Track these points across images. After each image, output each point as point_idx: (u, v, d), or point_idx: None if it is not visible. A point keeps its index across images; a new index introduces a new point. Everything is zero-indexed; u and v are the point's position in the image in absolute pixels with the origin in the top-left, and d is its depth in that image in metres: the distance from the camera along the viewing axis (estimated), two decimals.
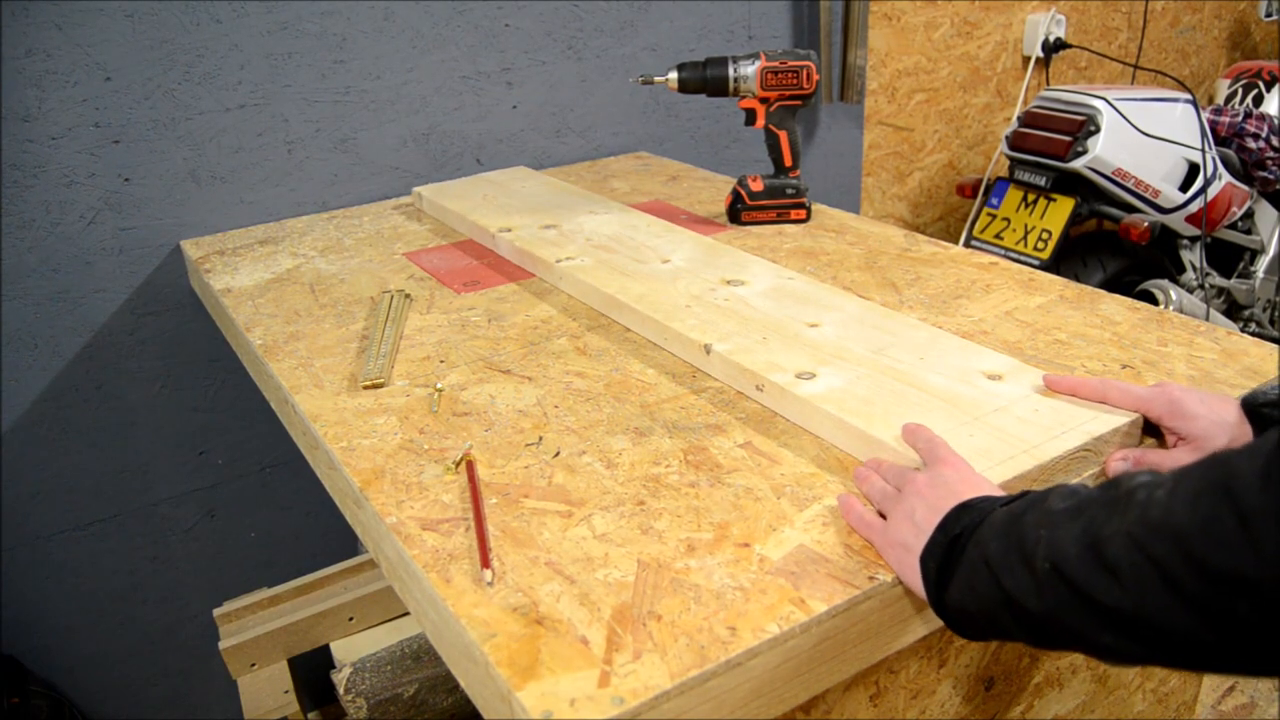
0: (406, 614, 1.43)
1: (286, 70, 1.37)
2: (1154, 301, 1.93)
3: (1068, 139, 1.84)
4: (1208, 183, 1.95)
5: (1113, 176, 1.86)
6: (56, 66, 1.22)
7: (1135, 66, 2.40)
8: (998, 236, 1.98)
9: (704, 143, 1.81)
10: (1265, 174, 2.08)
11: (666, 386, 0.84)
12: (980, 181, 2.07)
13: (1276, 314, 2.24)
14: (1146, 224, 1.83)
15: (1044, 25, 2.22)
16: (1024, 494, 0.56)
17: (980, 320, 0.95)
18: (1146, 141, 1.90)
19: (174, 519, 1.48)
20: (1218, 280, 2.14)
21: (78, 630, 1.44)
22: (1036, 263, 1.90)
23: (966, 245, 2.02)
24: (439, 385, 0.86)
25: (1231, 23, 2.74)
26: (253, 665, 1.32)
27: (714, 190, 1.45)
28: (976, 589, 0.53)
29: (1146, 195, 1.91)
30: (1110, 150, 1.84)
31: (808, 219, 1.27)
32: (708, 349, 0.85)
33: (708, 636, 0.55)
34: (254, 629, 1.32)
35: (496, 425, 0.79)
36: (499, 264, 1.16)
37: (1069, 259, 2.01)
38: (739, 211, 1.27)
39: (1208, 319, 1.95)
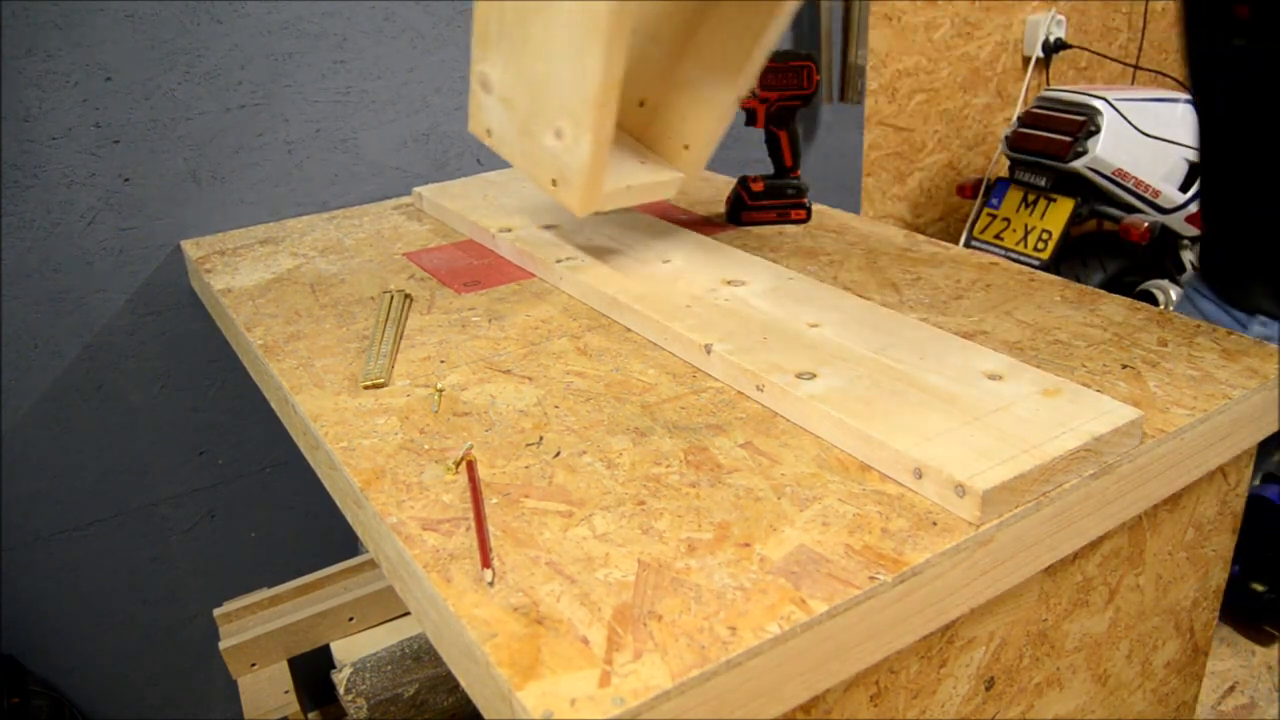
0: (406, 614, 1.43)
1: (286, 70, 1.37)
2: (1154, 301, 1.93)
3: (1068, 139, 1.85)
4: None
5: (1113, 177, 1.86)
6: (56, 66, 1.22)
7: (1135, 67, 2.40)
8: (998, 237, 1.98)
9: None
10: None
11: (667, 386, 0.84)
12: (980, 182, 2.08)
13: None
14: (1146, 224, 1.83)
15: (1044, 26, 2.23)
16: None
17: (980, 320, 0.95)
18: (1146, 142, 1.90)
19: (174, 519, 1.48)
20: None
21: (78, 630, 1.45)
22: (1036, 263, 1.90)
23: (967, 245, 2.03)
24: (439, 385, 0.86)
25: None
26: (253, 665, 1.32)
27: (714, 190, 1.45)
28: None
29: (1146, 195, 1.91)
30: (1110, 150, 1.84)
31: (808, 219, 1.27)
32: (708, 349, 0.85)
33: (708, 636, 0.55)
34: (254, 629, 1.32)
35: (497, 425, 0.79)
36: (499, 264, 1.16)
37: (1069, 259, 2.01)
38: (739, 212, 1.27)
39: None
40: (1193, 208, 1.97)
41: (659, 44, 1.05)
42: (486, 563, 0.61)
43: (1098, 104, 1.85)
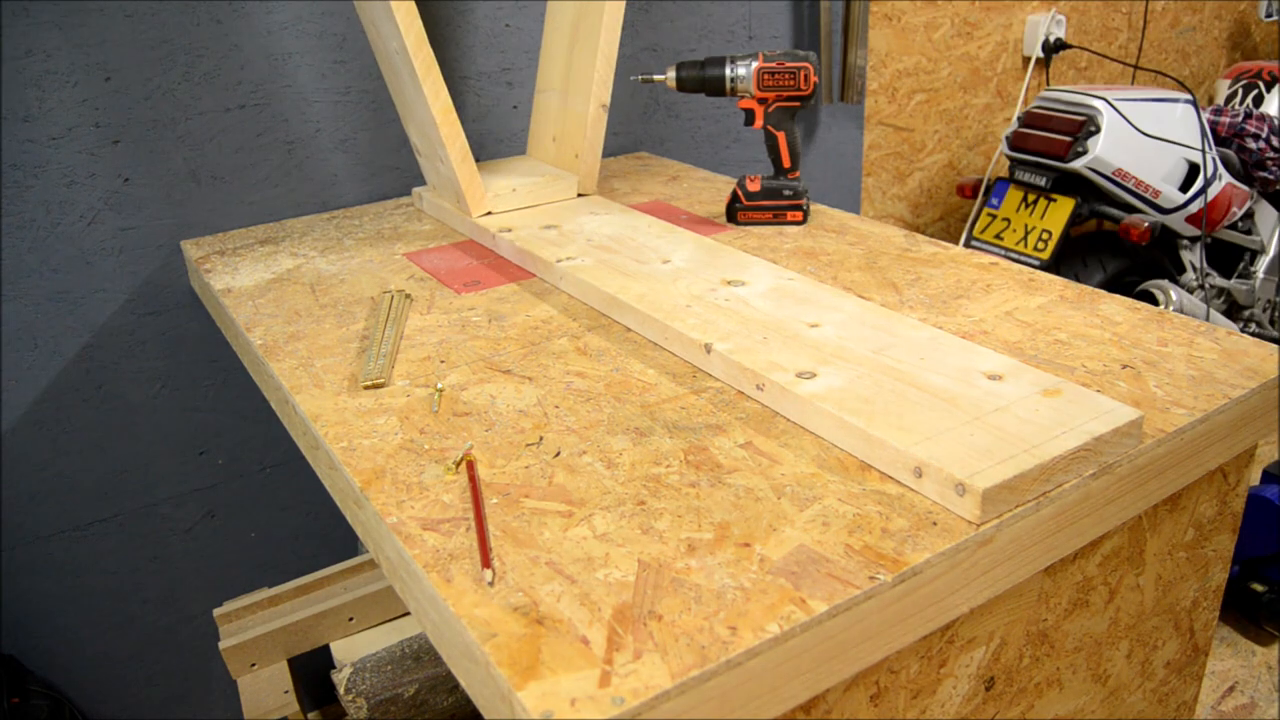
0: (406, 614, 1.43)
1: (286, 70, 1.37)
2: (1154, 301, 1.93)
3: (1068, 139, 1.85)
4: (1208, 183, 1.96)
5: (1113, 177, 1.86)
6: (56, 66, 1.22)
7: (1135, 67, 2.40)
8: (998, 237, 1.98)
9: (704, 143, 1.81)
10: (1265, 174, 2.08)
11: (667, 386, 0.84)
12: (980, 182, 2.08)
13: (1276, 314, 2.24)
14: (1146, 224, 1.83)
15: (1044, 26, 2.23)
16: None
17: (980, 320, 0.95)
18: (1147, 142, 1.90)
19: (174, 519, 1.48)
20: (1218, 280, 2.14)
21: (78, 630, 1.44)
22: (1036, 263, 1.90)
23: (967, 245, 2.03)
24: (439, 385, 0.86)
25: (1231, 23, 2.74)
26: (253, 665, 1.32)
27: (714, 190, 1.45)
28: None
29: (1147, 195, 1.91)
30: (1110, 150, 1.84)
31: (804, 221, 1.27)
32: (708, 349, 0.85)
33: (708, 636, 0.55)
34: (254, 629, 1.32)
35: (497, 425, 0.79)
36: (499, 264, 1.16)
37: (1069, 259, 2.01)
38: (735, 211, 1.27)
39: (1208, 319, 1.95)
40: (1193, 208, 1.97)
41: (554, 91, 1.37)
42: (486, 563, 0.61)
43: (1098, 104, 1.85)
